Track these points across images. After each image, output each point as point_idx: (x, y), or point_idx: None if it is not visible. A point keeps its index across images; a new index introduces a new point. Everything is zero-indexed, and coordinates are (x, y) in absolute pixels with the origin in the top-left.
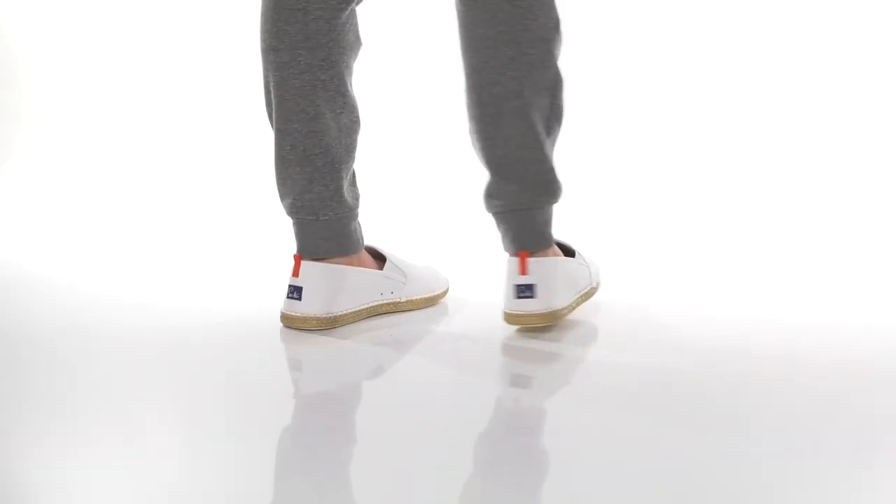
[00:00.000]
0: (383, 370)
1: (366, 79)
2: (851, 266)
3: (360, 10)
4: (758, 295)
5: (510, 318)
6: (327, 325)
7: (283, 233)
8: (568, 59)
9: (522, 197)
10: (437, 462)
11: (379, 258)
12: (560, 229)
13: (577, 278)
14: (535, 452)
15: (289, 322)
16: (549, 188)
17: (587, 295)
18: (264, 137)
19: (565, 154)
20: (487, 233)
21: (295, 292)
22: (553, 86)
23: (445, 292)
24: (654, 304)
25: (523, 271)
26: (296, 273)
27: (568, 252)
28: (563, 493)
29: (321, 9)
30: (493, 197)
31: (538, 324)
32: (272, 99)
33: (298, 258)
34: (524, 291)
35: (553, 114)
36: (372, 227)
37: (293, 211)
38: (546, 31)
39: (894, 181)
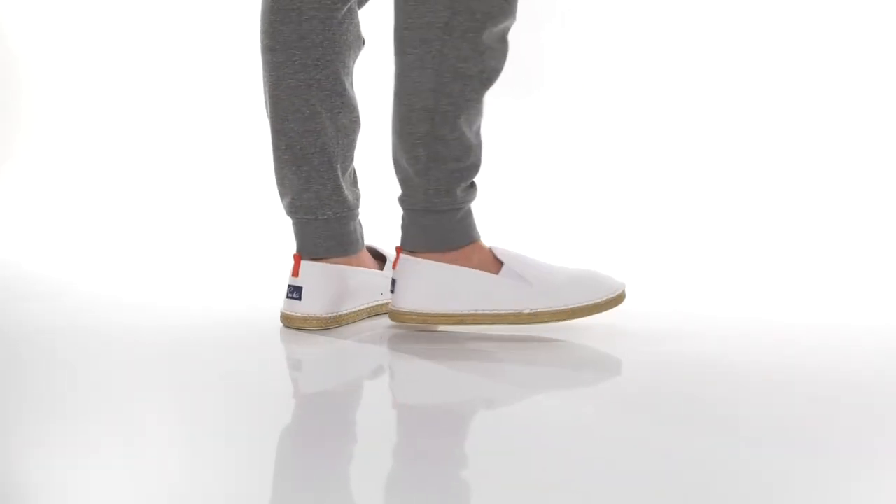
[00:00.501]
0: (383, 370)
1: (366, 79)
2: (851, 266)
3: (362, 10)
4: (757, 295)
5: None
6: (327, 325)
7: (283, 233)
8: (568, 59)
9: (400, 192)
10: (437, 462)
11: (379, 258)
12: (557, 231)
13: (466, 292)
14: (535, 453)
15: (289, 322)
16: (418, 193)
17: (514, 317)
18: (264, 137)
19: (563, 156)
20: (485, 233)
21: (295, 292)
22: (435, 87)
23: None
24: (653, 305)
25: (394, 265)
26: (295, 273)
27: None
28: (563, 493)
29: (315, 9)
30: None
31: (393, 321)
32: (268, 98)
33: (298, 258)
34: (391, 286)
35: (440, 117)
36: (372, 227)
37: (292, 210)
38: (428, 30)
39: (894, 181)
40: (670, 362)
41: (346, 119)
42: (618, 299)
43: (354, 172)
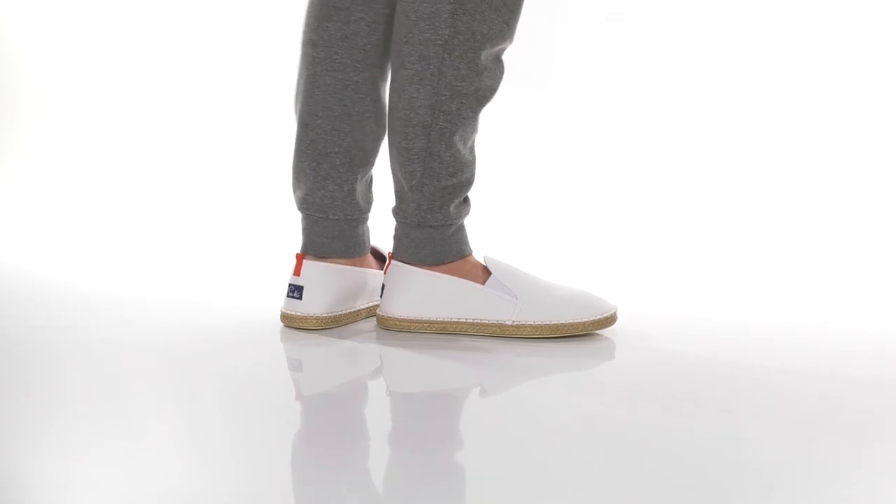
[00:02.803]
0: (383, 370)
1: None
2: (851, 267)
3: None
4: (756, 296)
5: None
6: (327, 325)
7: (283, 231)
8: (567, 63)
9: (394, 203)
10: (437, 462)
11: (380, 258)
12: (556, 231)
13: (450, 300)
14: (536, 451)
15: (289, 321)
16: (411, 207)
17: (496, 328)
18: (264, 137)
19: (562, 157)
20: (483, 233)
21: (295, 291)
22: (433, 104)
23: None
24: (652, 306)
25: (384, 271)
26: (297, 272)
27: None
28: (563, 492)
29: (363, 11)
30: None
31: (380, 326)
32: (301, 92)
33: (300, 257)
34: (380, 291)
35: (436, 134)
36: (372, 228)
37: (304, 206)
38: (428, 47)
39: (893, 182)
40: (670, 362)
41: (374, 124)
42: (606, 321)
43: (371, 178)
